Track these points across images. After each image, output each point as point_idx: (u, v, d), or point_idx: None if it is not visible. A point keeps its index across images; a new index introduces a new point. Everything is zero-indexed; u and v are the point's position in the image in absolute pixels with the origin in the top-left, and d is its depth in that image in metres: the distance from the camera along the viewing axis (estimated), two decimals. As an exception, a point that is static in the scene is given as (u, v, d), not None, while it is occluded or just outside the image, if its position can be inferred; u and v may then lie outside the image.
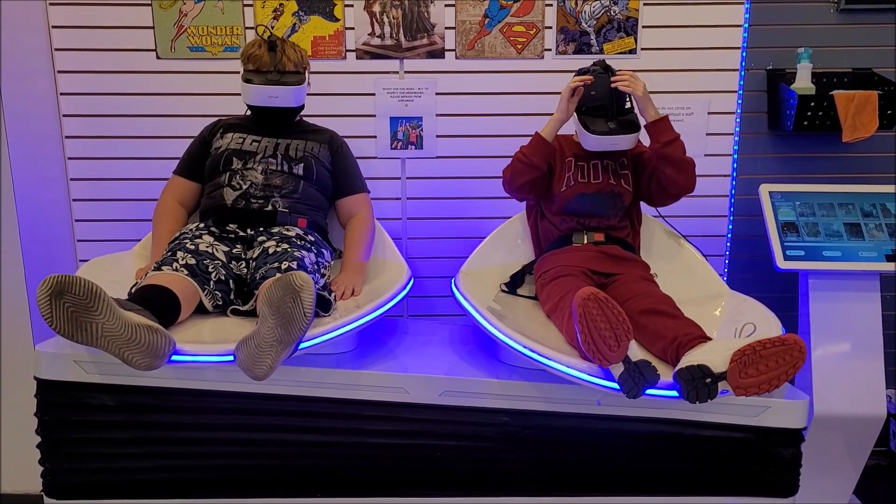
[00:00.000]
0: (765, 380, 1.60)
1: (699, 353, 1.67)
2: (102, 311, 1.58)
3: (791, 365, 1.59)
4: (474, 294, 2.15)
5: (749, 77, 2.75)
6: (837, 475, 2.47)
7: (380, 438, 1.93)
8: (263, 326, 1.64)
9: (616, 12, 2.67)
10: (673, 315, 1.90)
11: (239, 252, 2.10)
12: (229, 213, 2.17)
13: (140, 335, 1.61)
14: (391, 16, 2.65)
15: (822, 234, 2.43)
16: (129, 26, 2.63)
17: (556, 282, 2.12)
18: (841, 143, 2.58)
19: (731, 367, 1.60)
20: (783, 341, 1.59)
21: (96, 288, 1.58)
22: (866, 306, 2.41)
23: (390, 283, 2.21)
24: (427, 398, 1.92)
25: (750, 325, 1.75)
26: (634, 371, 1.63)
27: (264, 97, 2.20)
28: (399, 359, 2.07)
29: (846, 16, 2.72)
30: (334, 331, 1.86)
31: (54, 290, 1.56)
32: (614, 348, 1.63)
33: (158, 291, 1.82)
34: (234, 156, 2.24)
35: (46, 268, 2.73)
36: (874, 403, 2.35)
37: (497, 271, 2.41)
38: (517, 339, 1.84)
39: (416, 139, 2.74)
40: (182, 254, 1.98)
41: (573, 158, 2.30)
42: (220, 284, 1.97)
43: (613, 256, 2.22)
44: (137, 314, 1.66)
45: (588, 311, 1.63)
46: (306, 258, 2.03)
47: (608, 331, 1.62)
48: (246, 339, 1.66)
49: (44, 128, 2.68)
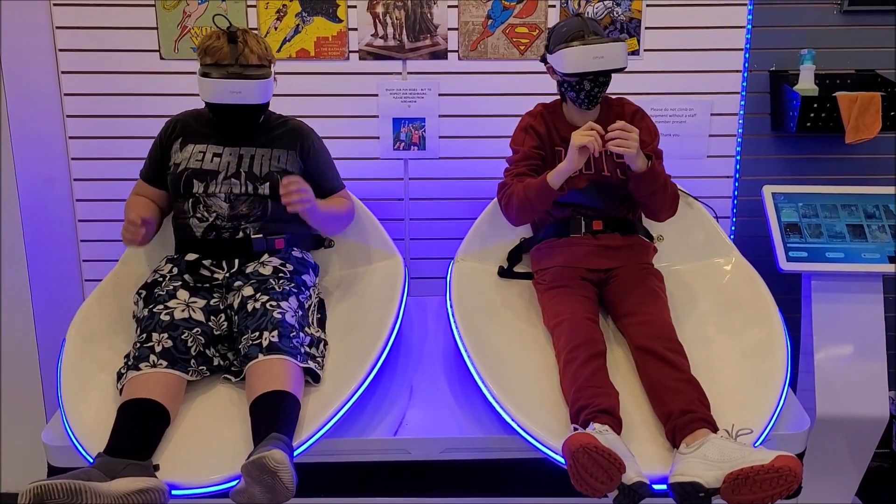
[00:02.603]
0: (758, 499, 1.62)
1: (693, 463, 1.68)
2: (89, 499, 1.57)
3: (784, 488, 1.62)
4: (463, 305, 2.15)
5: (752, 78, 2.74)
6: (840, 477, 2.47)
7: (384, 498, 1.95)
8: (252, 489, 1.63)
9: (619, 13, 2.67)
10: (671, 364, 1.90)
11: (217, 303, 2.05)
12: (201, 246, 2.13)
13: (133, 502, 1.61)
14: (394, 17, 2.66)
15: (824, 236, 2.43)
16: (132, 27, 2.64)
17: (553, 294, 2.12)
18: (844, 144, 2.57)
19: (725, 487, 1.63)
20: (777, 469, 1.61)
21: (75, 485, 1.56)
22: (869, 308, 2.41)
23: (386, 290, 2.21)
24: (429, 456, 1.93)
25: (746, 429, 1.77)
26: (629, 492, 1.65)
27: (225, 93, 2.02)
28: (398, 412, 2.04)
29: (849, 17, 2.71)
30: (324, 426, 1.85)
31: (35, 501, 1.55)
32: (607, 484, 1.65)
33: (142, 409, 1.80)
34: (193, 177, 2.14)
35: (50, 266, 2.74)
36: (877, 405, 2.35)
37: (492, 254, 2.41)
38: (510, 412, 1.86)
39: (419, 140, 2.75)
40: (157, 336, 1.91)
41: (563, 149, 2.20)
42: (201, 357, 1.95)
43: (613, 248, 2.20)
44: (125, 476, 1.64)
45: (578, 461, 1.64)
46: (287, 313, 1.96)
47: (600, 473, 1.63)
48: (240, 492, 1.65)
49: (48, 128, 2.68)
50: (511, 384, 1.94)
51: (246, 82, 2.03)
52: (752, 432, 1.77)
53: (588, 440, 1.65)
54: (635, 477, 1.65)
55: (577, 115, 2.23)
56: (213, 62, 2.05)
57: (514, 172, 2.23)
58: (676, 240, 2.42)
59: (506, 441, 1.91)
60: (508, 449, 1.92)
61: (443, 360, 2.26)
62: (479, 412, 2.00)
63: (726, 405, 1.86)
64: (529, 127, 2.27)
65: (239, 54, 2.05)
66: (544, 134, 2.26)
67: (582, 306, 2.07)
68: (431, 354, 2.29)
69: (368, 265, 2.40)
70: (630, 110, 2.29)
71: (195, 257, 2.11)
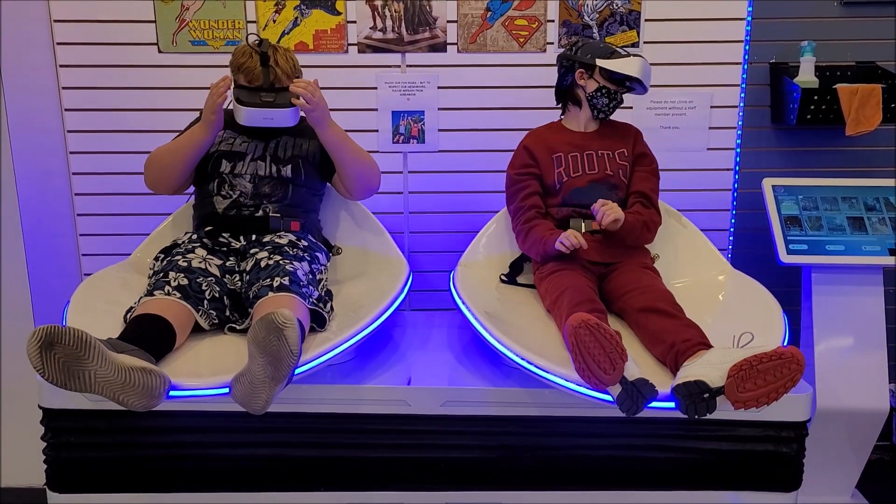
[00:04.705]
0: (763, 393, 1.60)
1: (696, 367, 1.67)
2: (94, 359, 1.57)
3: (789, 378, 1.60)
4: (471, 294, 2.14)
5: (752, 70, 2.74)
6: (840, 469, 2.47)
7: (382, 452, 1.93)
8: (254, 364, 1.63)
9: (618, 6, 2.66)
10: (672, 315, 1.90)
11: (233, 265, 2.08)
12: (220, 220, 2.15)
13: (134, 378, 1.59)
14: (393, 9, 2.65)
15: (825, 228, 2.43)
16: (130, 20, 2.63)
17: (555, 276, 2.11)
18: (844, 136, 2.57)
19: (729, 382, 1.60)
20: (780, 355, 1.59)
21: (86, 336, 1.57)
22: (869, 300, 2.40)
23: (388, 284, 2.20)
24: (429, 409, 1.92)
25: (748, 335, 1.74)
26: (632, 390, 1.63)
27: (258, 119, 2.10)
28: (399, 366, 2.07)
29: (849, 9, 2.70)
30: (331, 351, 1.85)
31: (44, 341, 1.55)
32: (609, 372, 1.63)
33: (151, 321, 1.80)
34: (223, 157, 2.20)
35: (48, 260, 2.73)
36: (877, 398, 2.35)
37: (496, 261, 2.40)
38: (514, 350, 1.84)
39: (418, 133, 2.74)
40: (174, 274, 1.94)
41: (562, 153, 2.29)
42: (214, 302, 1.95)
43: (612, 244, 2.21)
44: (130, 355, 1.64)
45: (580, 339, 1.63)
46: (299, 270, 1.99)
47: (602, 356, 1.62)
48: (239, 377, 1.65)
49: (46, 122, 2.68)
50: (518, 337, 1.91)
51: (280, 111, 2.09)
52: (754, 338, 1.75)
53: (589, 317, 1.64)
54: (638, 374, 1.64)
55: (590, 123, 2.34)
56: (246, 82, 2.11)
57: (520, 199, 2.30)
58: (672, 258, 2.39)
59: (510, 394, 1.91)
60: (512, 403, 1.92)
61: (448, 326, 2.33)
62: (481, 361, 2.06)
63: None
64: (524, 148, 2.35)
65: (272, 79, 2.10)
66: (538, 148, 2.32)
67: (583, 280, 2.08)
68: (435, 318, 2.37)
69: (374, 268, 2.39)
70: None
71: (213, 229, 2.15)
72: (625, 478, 1.94)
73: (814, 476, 2.32)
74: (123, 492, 1.93)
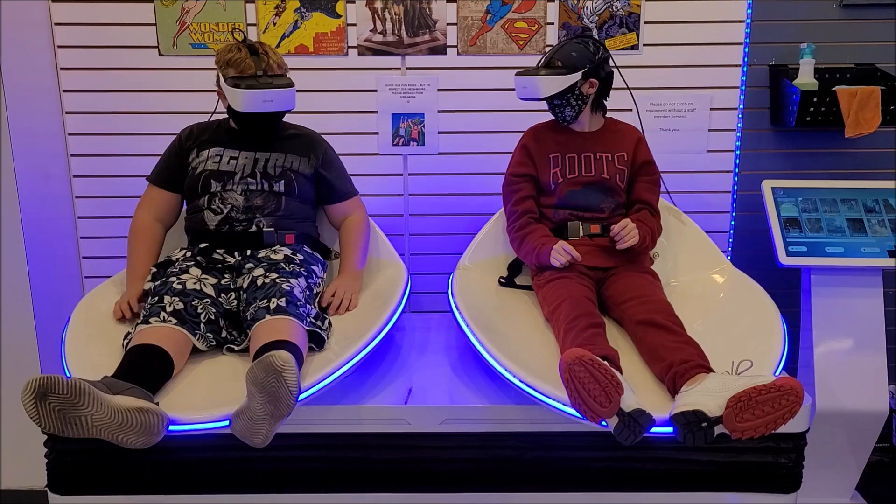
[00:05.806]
0: (761, 423, 1.60)
1: (695, 395, 1.67)
2: (89, 404, 1.57)
3: (787, 409, 1.60)
4: (469, 304, 2.14)
5: (751, 73, 2.74)
6: (840, 471, 2.47)
7: (383, 468, 1.94)
8: (253, 402, 1.63)
9: (618, 8, 2.67)
10: (670, 329, 1.90)
11: (228, 283, 2.06)
12: (213, 237, 2.15)
13: (131, 418, 1.60)
14: (393, 12, 2.65)
15: (824, 230, 2.43)
16: (131, 23, 2.64)
17: (553, 285, 2.11)
18: (844, 138, 2.57)
19: (728, 413, 1.60)
20: (779, 387, 1.59)
21: (79, 383, 1.57)
22: (869, 302, 2.40)
23: (387, 291, 2.20)
24: (429, 427, 1.92)
25: (747, 362, 1.75)
26: (630, 422, 1.63)
27: (258, 102, 2.08)
28: (399, 381, 2.06)
29: (849, 11, 2.71)
30: (331, 375, 1.85)
31: (38, 392, 1.56)
32: (605, 404, 1.62)
33: (148, 352, 1.80)
34: (212, 178, 2.17)
35: (49, 263, 2.74)
36: (877, 399, 2.35)
37: (494, 263, 2.40)
38: (513, 372, 1.84)
39: (418, 135, 2.74)
40: (169, 298, 1.93)
41: (560, 153, 2.28)
42: (210, 325, 1.95)
43: (610, 249, 2.21)
44: (127, 395, 1.64)
45: (575, 376, 1.62)
46: (295, 288, 1.99)
47: (598, 390, 1.62)
48: (239, 413, 1.65)
49: (47, 125, 2.68)
50: (514, 353, 1.92)
51: (279, 91, 2.09)
52: (753, 365, 1.75)
53: (584, 353, 1.63)
54: (634, 405, 1.63)
55: (594, 121, 2.34)
56: (238, 73, 2.10)
57: (516, 200, 2.32)
58: (671, 256, 2.41)
59: (508, 411, 1.91)
60: (511, 420, 1.92)
61: (445, 348, 2.32)
62: (479, 376, 2.05)
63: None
64: (523, 146, 2.35)
65: (265, 65, 2.11)
66: (536, 147, 2.32)
67: (581, 289, 2.08)
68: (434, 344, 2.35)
69: (372, 273, 2.39)
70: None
71: (207, 245, 2.14)
72: (624, 479, 1.94)
73: (813, 477, 2.31)
74: (125, 494, 1.93)
